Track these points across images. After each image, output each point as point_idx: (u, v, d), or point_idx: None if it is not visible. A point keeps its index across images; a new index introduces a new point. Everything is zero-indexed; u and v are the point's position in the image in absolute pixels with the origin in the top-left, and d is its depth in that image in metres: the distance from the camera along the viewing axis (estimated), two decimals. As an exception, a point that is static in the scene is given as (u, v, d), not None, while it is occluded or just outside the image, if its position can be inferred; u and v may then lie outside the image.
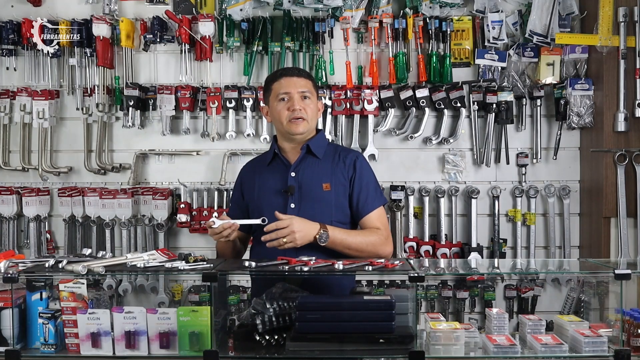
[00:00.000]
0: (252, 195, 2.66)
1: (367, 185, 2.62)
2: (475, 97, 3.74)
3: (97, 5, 3.80)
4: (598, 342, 2.14)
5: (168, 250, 2.49)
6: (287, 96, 2.57)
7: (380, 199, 2.67)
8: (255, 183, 2.66)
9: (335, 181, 2.59)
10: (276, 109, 2.59)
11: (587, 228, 3.75)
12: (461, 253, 3.74)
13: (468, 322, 3.12)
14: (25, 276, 2.22)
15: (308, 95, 2.59)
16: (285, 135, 2.63)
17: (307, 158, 2.62)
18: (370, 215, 2.60)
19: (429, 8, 3.72)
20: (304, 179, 2.59)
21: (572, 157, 3.83)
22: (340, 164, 2.62)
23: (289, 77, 2.61)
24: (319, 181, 2.58)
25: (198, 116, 3.84)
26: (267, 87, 2.67)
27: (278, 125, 2.62)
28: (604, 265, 2.59)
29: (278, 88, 2.59)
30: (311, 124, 2.62)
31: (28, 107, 3.77)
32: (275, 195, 2.58)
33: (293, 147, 2.64)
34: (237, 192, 2.77)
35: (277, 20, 3.75)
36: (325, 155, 2.64)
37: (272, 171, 2.65)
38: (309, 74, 2.73)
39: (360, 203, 2.59)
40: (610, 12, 3.49)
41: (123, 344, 2.15)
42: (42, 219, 3.82)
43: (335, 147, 2.76)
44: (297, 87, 2.58)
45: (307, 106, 2.58)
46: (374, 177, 2.68)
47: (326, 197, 2.56)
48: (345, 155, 2.65)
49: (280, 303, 2.22)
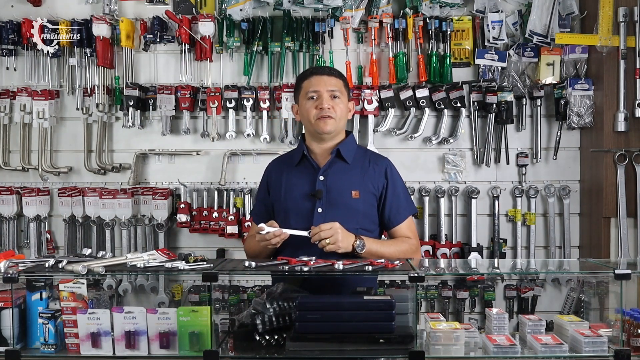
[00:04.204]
0: (279, 195, 2.62)
1: (399, 195, 2.62)
2: (475, 97, 3.74)
3: (97, 5, 3.80)
4: (598, 342, 2.13)
5: (168, 250, 2.48)
6: (316, 94, 2.55)
7: (411, 207, 2.68)
8: (283, 183, 2.63)
9: (365, 189, 2.57)
10: (305, 107, 2.57)
11: (587, 228, 3.75)
12: (461, 253, 3.74)
13: (468, 322, 3.11)
14: (25, 276, 2.21)
15: (338, 94, 2.57)
16: (314, 135, 2.61)
17: (336, 162, 2.59)
18: (402, 225, 2.60)
19: (429, 8, 3.72)
20: (333, 184, 2.56)
21: (572, 157, 3.83)
22: (371, 171, 2.60)
23: (319, 75, 2.60)
24: (348, 188, 2.55)
25: (198, 116, 3.84)
26: (297, 85, 2.65)
27: (307, 123, 2.61)
28: (604, 265, 2.58)
29: (308, 86, 2.58)
30: (340, 124, 2.59)
31: (28, 107, 3.77)
32: (302, 198, 2.56)
33: (322, 148, 2.62)
34: (263, 190, 2.73)
35: (277, 20, 3.75)
36: (355, 161, 2.61)
37: (300, 173, 2.62)
38: (341, 74, 2.68)
39: (393, 213, 2.59)
40: (610, 12, 3.49)
41: (123, 344, 2.15)
42: (42, 219, 3.82)
43: (364, 151, 2.74)
44: (326, 86, 2.56)
45: (336, 105, 2.55)
46: (404, 185, 2.68)
47: (354, 204, 2.54)
48: (376, 162, 2.64)
49: (280, 303, 2.22)
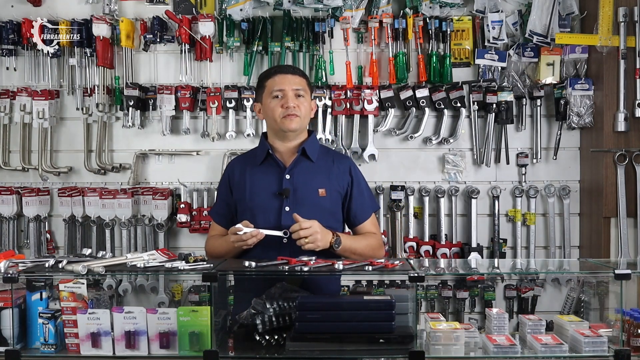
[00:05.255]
0: (243, 194, 2.61)
1: (363, 192, 2.66)
2: (475, 97, 3.74)
3: (97, 5, 3.80)
4: (598, 342, 2.14)
5: (168, 250, 2.48)
6: (281, 93, 2.56)
7: (374, 204, 2.75)
8: (247, 182, 2.62)
9: (331, 187, 2.59)
10: (269, 106, 2.57)
11: (587, 228, 3.75)
12: (461, 253, 3.74)
13: (468, 322, 3.12)
14: (25, 276, 2.21)
15: (302, 93, 2.58)
16: (278, 133, 2.61)
17: (301, 161, 2.61)
18: (367, 221, 2.65)
19: (429, 8, 3.72)
20: (300, 183, 2.57)
21: (572, 157, 3.83)
22: (335, 169, 2.63)
23: (283, 74, 2.60)
24: (314, 186, 2.57)
25: (198, 116, 3.84)
26: (260, 84, 2.65)
27: (271, 122, 2.60)
28: (604, 265, 2.58)
29: (272, 85, 2.58)
30: (304, 122, 2.61)
31: (28, 107, 3.77)
32: (269, 197, 2.56)
33: (286, 147, 2.63)
34: (224, 189, 2.70)
35: (277, 20, 3.75)
36: (319, 159, 2.63)
37: (265, 172, 2.61)
38: (304, 72, 2.72)
39: (359, 211, 2.63)
40: (610, 12, 3.49)
41: (123, 344, 2.15)
42: (42, 219, 3.82)
43: (327, 150, 2.76)
44: (291, 85, 2.57)
45: (300, 104, 2.56)
46: (366, 183, 2.72)
47: (321, 202, 2.56)
48: (340, 161, 2.67)
49: (280, 303, 2.22)
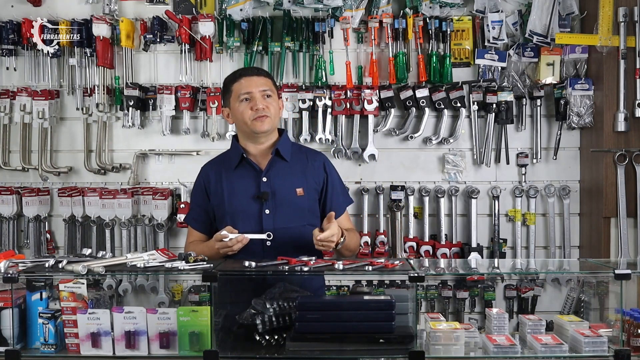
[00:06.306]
0: (222, 200, 2.59)
1: (337, 188, 2.68)
2: (475, 97, 3.74)
3: (97, 5, 3.80)
4: (598, 342, 2.13)
5: (168, 250, 2.48)
6: (248, 96, 2.54)
7: (348, 199, 2.79)
8: (224, 187, 2.60)
9: (308, 186, 2.60)
10: (238, 109, 2.56)
11: (587, 228, 3.75)
12: (461, 253, 3.74)
13: (468, 322, 3.12)
14: (25, 276, 2.21)
15: (270, 93, 2.57)
16: (250, 136, 2.60)
17: (276, 162, 2.60)
18: (342, 216, 2.67)
19: (429, 8, 3.72)
20: (277, 184, 2.57)
21: (572, 157, 3.83)
22: (310, 166, 2.64)
23: (248, 76, 2.59)
24: (292, 186, 2.57)
25: (198, 116, 3.84)
26: (226, 88, 2.63)
27: (242, 125, 2.58)
28: (604, 265, 2.58)
29: (239, 88, 2.56)
30: (274, 122, 2.60)
31: (28, 107, 3.77)
32: (248, 201, 2.55)
33: (259, 149, 2.62)
34: (200, 195, 2.67)
35: (277, 20, 3.75)
36: (293, 158, 2.63)
37: (241, 175, 2.60)
38: (268, 73, 2.72)
39: (334, 206, 2.63)
40: (610, 12, 3.49)
41: (123, 344, 2.15)
42: (42, 219, 3.82)
43: (299, 147, 2.77)
44: (258, 86, 2.55)
45: (269, 104, 2.55)
46: (340, 178, 2.74)
47: (300, 202, 2.57)
48: (314, 158, 2.68)
49: (280, 303, 2.22)
